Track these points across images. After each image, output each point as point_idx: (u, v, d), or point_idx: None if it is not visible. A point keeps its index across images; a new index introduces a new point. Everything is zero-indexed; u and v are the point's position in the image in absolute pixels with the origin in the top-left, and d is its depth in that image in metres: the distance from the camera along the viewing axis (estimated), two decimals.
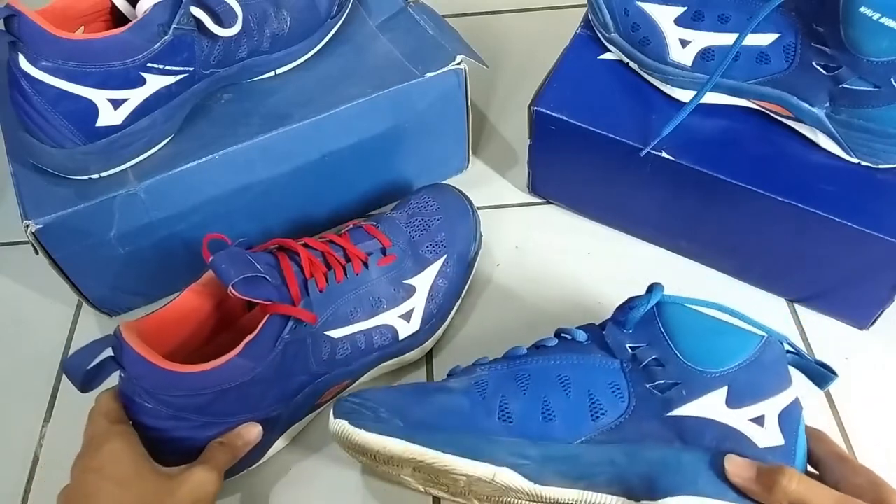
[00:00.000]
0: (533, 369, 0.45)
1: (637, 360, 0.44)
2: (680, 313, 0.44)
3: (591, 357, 0.45)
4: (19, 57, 0.48)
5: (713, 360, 0.42)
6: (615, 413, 0.43)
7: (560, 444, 0.42)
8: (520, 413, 0.43)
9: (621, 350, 0.44)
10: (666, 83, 0.56)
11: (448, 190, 0.60)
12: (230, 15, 0.52)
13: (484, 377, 0.45)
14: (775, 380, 0.42)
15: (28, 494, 0.53)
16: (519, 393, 0.44)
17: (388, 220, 0.55)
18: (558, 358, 0.45)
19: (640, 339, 0.44)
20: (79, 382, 0.43)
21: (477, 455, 0.42)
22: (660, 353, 0.43)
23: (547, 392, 0.44)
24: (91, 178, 0.53)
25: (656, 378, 0.43)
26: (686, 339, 0.43)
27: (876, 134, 0.50)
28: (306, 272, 0.48)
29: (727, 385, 0.42)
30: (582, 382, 0.44)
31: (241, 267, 0.44)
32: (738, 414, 0.41)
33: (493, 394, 0.44)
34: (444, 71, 0.58)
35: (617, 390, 0.43)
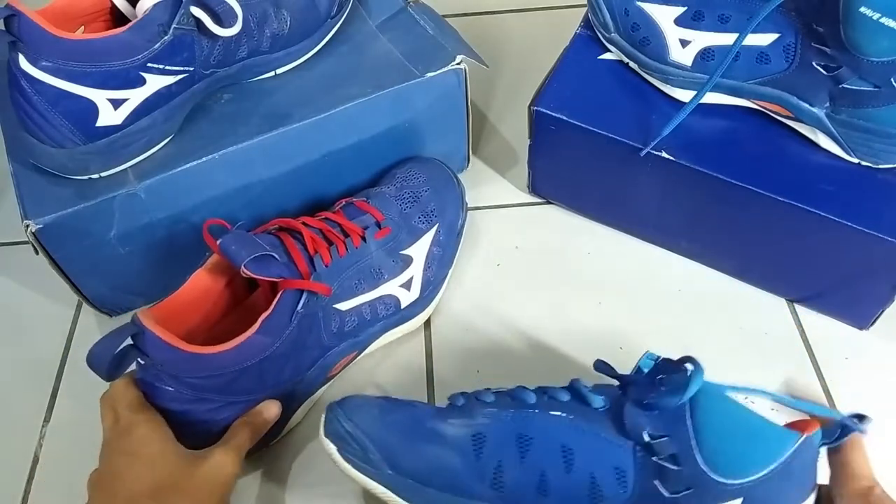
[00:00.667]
0: (537, 429, 0.41)
1: (652, 449, 0.39)
2: (715, 405, 0.38)
3: (601, 431, 0.40)
4: (19, 57, 0.48)
5: (736, 468, 0.37)
6: (614, 500, 0.39)
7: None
8: (514, 483, 0.40)
9: (638, 435, 0.39)
10: (666, 83, 0.56)
11: (431, 162, 0.61)
12: (230, 15, 0.52)
13: (484, 428, 0.41)
14: (797, 489, 0.38)
15: (28, 494, 0.53)
16: (517, 460, 0.40)
17: (378, 195, 0.57)
18: (567, 421, 0.41)
19: (662, 427, 0.39)
20: (105, 373, 0.43)
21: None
22: (679, 450, 0.38)
23: (547, 464, 0.40)
24: (91, 178, 0.53)
25: (668, 477, 0.38)
26: (713, 440, 0.38)
27: (876, 134, 0.50)
28: (310, 249, 0.50)
29: (742, 498, 0.37)
30: (586, 460, 0.40)
31: (251, 247, 0.46)
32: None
33: (489, 455, 0.41)
34: (444, 71, 0.58)
35: (622, 477, 0.39)
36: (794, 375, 0.55)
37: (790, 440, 0.37)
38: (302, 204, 0.61)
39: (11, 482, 0.53)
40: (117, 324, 0.60)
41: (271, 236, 0.50)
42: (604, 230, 0.64)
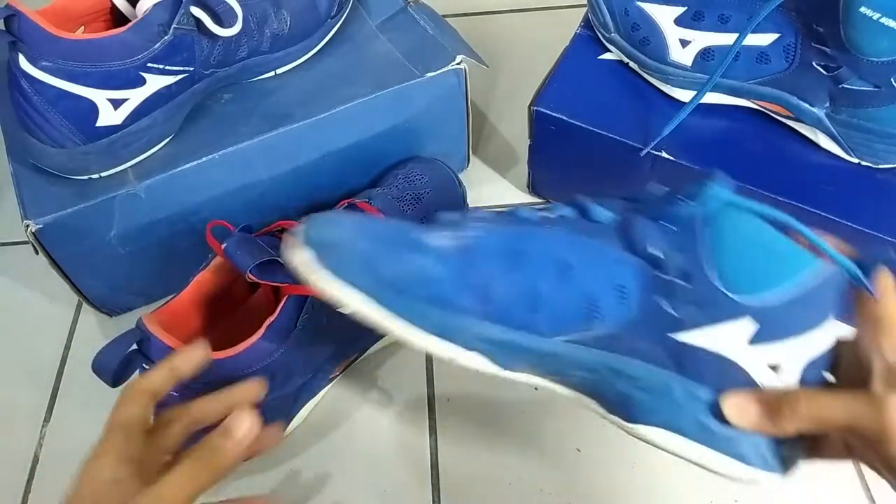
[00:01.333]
0: (533, 243, 0.37)
1: (661, 267, 0.35)
2: (738, 221, 0.34)
3: (605, 246, 0.36)
4: (19, 57, 0.48)
5: (750, 286, 0.34)
6: (613, 321, 0.35)
7: (538, 336, 0.36)
8: (502, 297, 0.36)
9: (645, 251, 0.35)
10: (666, 83, 0.56)
11: (433, 162, 0.61)
12: (230, 15, 0.52)
13: (474, 240, 0.37)
14: (812, 318, 0.34)
15: (28, 494, 0.53)
16: (506, 271, 0.36)
17: (380, 196, 0.57)
18: (566, 235, 0.37)
19: (676, 242, 0.35)
20: (110, 379, 0.43)
21: (443, 334, 0.36)
22: (689, 266, 0.34)
23: (539, 278, 0.36)
24: (91, 178, 0.53)
25: (675, 295, 0.34)
26: (728, 254, 0.34)
27: (876, 134, 0.50)
28: None
29: (753, 318, 0.34)
30: (584, 274, 0.36)
31: (256, 253, 0.46)
32: (755, 353, 0.34)
33: (477, 266, 0.36)
34: (444, 71, 0.58)
35: (622, 294, 0.35)
36: None
37: (809, 262, 0.34)
38: (302, 204, 0.61)
39: (11, 482, 0.53)
40: (117, 324, 0.61)
41: (274, 238, 0.50)
42: None
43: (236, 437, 0.36)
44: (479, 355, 0.36)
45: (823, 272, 0.34)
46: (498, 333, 0.36)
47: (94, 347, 0.43)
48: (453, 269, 0.36)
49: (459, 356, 0.36)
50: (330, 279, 0.36)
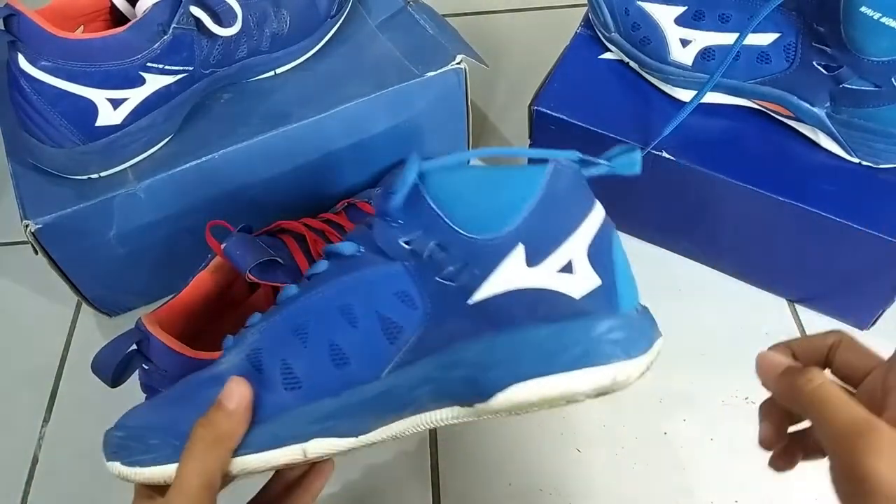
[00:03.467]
0: (308, 309, 0.37)
1: (417, 253, 0.35)
2: (448, 179, 0.35)
3: (367, 270, 0.36)
4: (19, 56, 0.48)
5: (497, 219, 0.34)
6: (413, 324, 0.36)
7: (366, 385, 0.36)
8: (306, 371, 0.36)
9: (397, 248, 0.36)
10: (666, 83, 0.56)
11: None
12: (230, 14, 0.52)
13: (256, 343, 0.37)
14: (575, 210, 0.36)
15: (28, 495, 0.53)
16: (300, 348, 0.36)
17: None
18: (332, 284, 0.37)
19: (413, 227, 0.35)
20: (110, 379, 0.43)
21: (275, 444, 0.36)
22: (438, 237, 0.35)
23: (330, 333, 0.36)
24: (91, 178, 0.53)
25: (443, 267, 0.35)
26: (461, 207, 0.35)
27: (877, 134, 0.50)
28: (313, 252, 0.50)
29: (521, 242, 0.34)
30: (366, 305, 0.36)
31: (255, 253, 0.46)
32: (542, 270, 0.34)
33: (270, 362, 0.37)
34: (444, 70, 0.58)
35: (406, 298, 0.36)
36: None
37: (539, 173, 0.35)
38: (302, 204, 0.61)
39: (11, 482, 0.53)
40: (117, 324, 0.61)
41: (274, 238, 0.50)
42: None
43: (231, 406, 0.35)
44: (323, 439, 0.36)
45: (547, 174, 0.35)
46: (326, 407, 0.36)
47: (94, 347, 0.43)
48: (251, 378, 0.36)
49: (306, 451, 0.36)
50: (144, 471, 0.36)
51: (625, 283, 0.36)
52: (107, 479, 0.36)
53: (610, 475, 0.52)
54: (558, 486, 0.51)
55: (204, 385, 0.37)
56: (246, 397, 0.36)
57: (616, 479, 0.52)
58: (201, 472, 0.34)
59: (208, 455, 0.35)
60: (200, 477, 0.34)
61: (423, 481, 0.52)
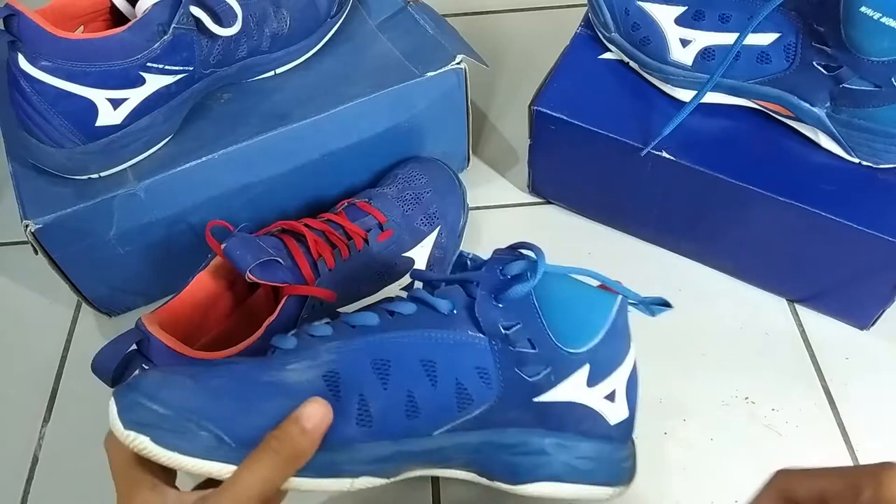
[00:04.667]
0: (391, 349, 0.38)
1: (509, 340, 0.38)
2: (552, 282, 0.39)
3: (455, 335, 0.38)
4: (19, 56, 0.48)
5: (581, 336, 0.39)
6: (482, 401, 0.38)
7: (421, 438, 0.38)
8: (381, 413, 0.37)
9: (493, 328, 0.38)
10: (666, 83, 0.56)
11: (433, 162, 0.61)
12: (230, 14, 0.52)
13: (333, 364, 0.37)
14: (623, 346, 0.40)
15: (28, 494, 0.53)
16: (379, 388, 0.37)
17: (380, 196, 0.57)
18: (419, 333, 0.38)
19: (513, 315, 0.38)
20: (110, 379, 0.43)
21: (332, 472, 0.36)
22: (532, 334, 0.38)
23: (411, 384, 0.37)
24: (91, 178, 0.53)
25: (527, 362, 0.38)
26: (557, 315, 0.38)
27: (877, 134, 0.50)
28: (314, 252, 0.50)
29: (589, 363, 0.39)
30: (448, 368, 0.38)
31: (256, 252, 0.46)
32: (595, 392, 0.39)
33: (348, 391, 0.37)
34: (444, 71, 0.58)
35: (485, 375, 0.38)
36: (794, 376, 0.55)
37: (612, 301, 0.39)
38: (302, 204, 0.61)
39: (11, 482, 0.53)
40: (117, 324, 0.61)
41: (274, 238, 0.50)
42: (604, 230, 0.64)
43: (308, 426, 0.34)
44: (370, 478, 0.37)
45: (617, 305, 0.39)
46: (385, 449, 0.37)
47: (94, 347, 0.43)
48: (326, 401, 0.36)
49: (353, 485, 0.37)
50: (183, 459, 0.33)
51: (635, 417, 0.41)
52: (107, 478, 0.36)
53: None
54: None
55: (268, 390, 0.35)
56: (326, 423, 0.35)
57: None
58: (263, 484, 0.33)
59: (275, 469, 0.33)
60: (261, 489, 0.33)
61: (423, 481, 0.52)
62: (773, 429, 0.53)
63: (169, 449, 0.33)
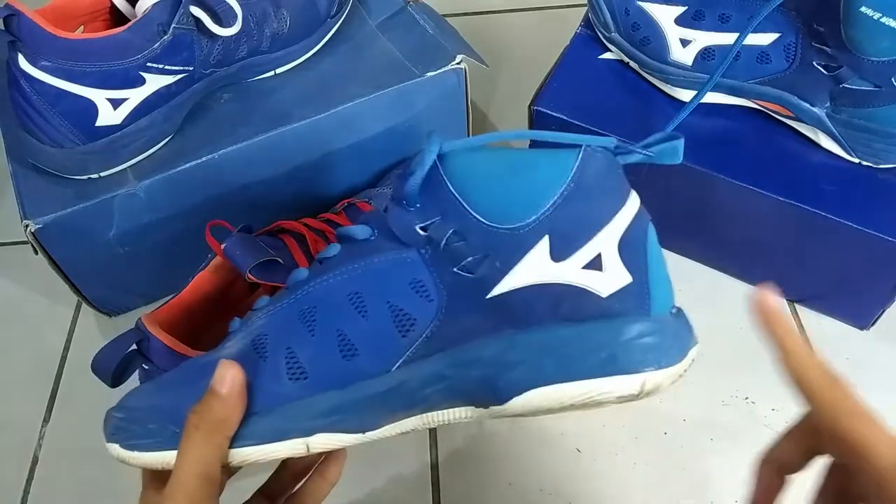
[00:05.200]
0: (317, 295, 0.35)
1: (434, 241, 0.33)
2: (469, 162, 0.33)
3: (380, 257, 0.34)
4: (19, 56, 0.48)
5: (521, 207, 0.32)
6: (427, 317, 0.33)
7: (374, 379, 0.34)
8: (313, 361, 0.34)
9: (412, 235, 0.34)
10: (666, 83, 0.56)
11: None
12: (230, 14, 0.52)
13: (262, 328, 0.36)
14: (607, 200, 0.33)
15: (28, 494, 0.53)
16: (306, 337, 0.34)
17: (380, 196, 0.57)
18: (343, 270, 0.35)
19: (431, 212, 0.33)
20: (110, 379, 0.43)
21: (278, 436, 0.34)
22: (457, 224, 0.33)
23: (338, 323, 0.34)
24: (91, 178, 0.53)
25: (462, 257, 0.33)
26: (483, 193, 0.32)
27: (877, 134, 0.50)
28: (313, 252, 0.50)
29: (546, 234, 0.32)
30: (377, 293, 0.34)
31: (256, 253, 0.46)
32: (568, 266, 0.32)
33: (275, 349, 0.35)
34: (444, 70, 0.58)
35: (421, 288, 0.34)
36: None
37: (569, 158, 0.32)
38: (302, 204, 0.61)
39: (11, 482, 0.53)
40: (117, 324, 0.61)
41: (274, 238, 0.50)
42: None
43: (222, 391, 0.33)
44: (328, 434, 0.34)
45: (577, 159, 0.32)
46: (332, 400, 0.34)
47: (94, 347, 0.43)
48: (255, 365, 0.34)
49: (309, 445, 0.34)
50: (143, 456, 0.34)
51: (659, 281, 0.33)
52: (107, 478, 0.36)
53: (610, 475, 0.52)
54: (558, 486, 0.51)
55: (205, 369, 0.34)
56: (238, 380, 0.34)
57: (616, 479, 0.52)
58: (198, 461, 0.33)
59: (205, 444, 0.33)
60: (198, 467, 0.33)
61: (424, 481, 0.52)
62: (773, 429, 0.53)
63: (130, 450, 0.34)
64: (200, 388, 0.34)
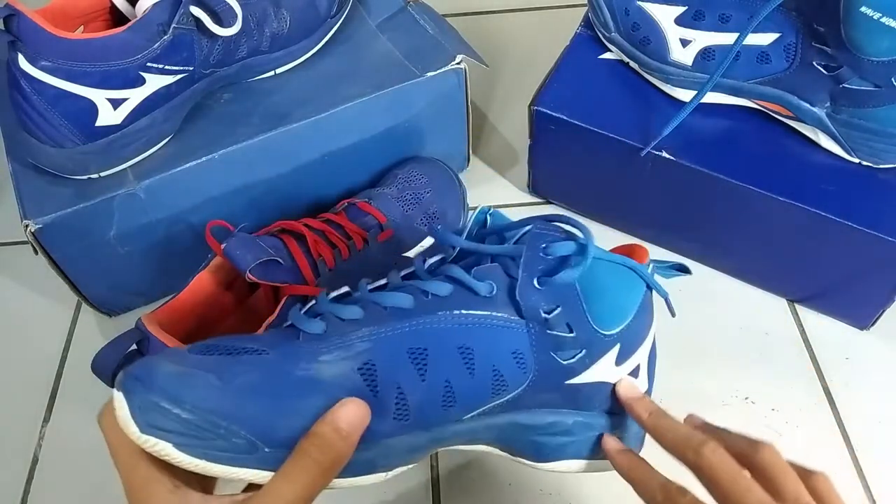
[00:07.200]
0: (428, 336, 0.35)
1: (548, 324, 0.36)
2: (592, 266, 0.36)
3: (493, 319, 0.36)
4: (19, 56, 0.48)
5: (615, 318, 0.38)
6: (516, 385, 0.37)
7: (455, 424, 0.37)
8: (419, 406, 0.35)
9: (533, 312, 0.36)
10: (666, 83, 0.56)
11: (433, 162, 0.61)
12: (230, 14, 0.52)
13: (367, 353, 0.34)
14: (648, 321, 0.40)
15: (28, 494, 0.53)
16: (417, 380, 0.35)
17: (380, 196, 0.57)
18: (455, 317, 0.35)
19: (554, 298, 0.36)
20: (110, 379, 0.43)
21: (369, 469, 0.35)
22: (572, 318, 0.36)
23: (449, 373, 0.35)
24: (91, 178, 0.53)
25: (564, 346, 0.37)
26: (596, 297, 0.37)
27: (876, 134, 0.50)
28: (313, 252, 0.50)
29: (619, 343, 0.38)
30: (486, 354, 0.36)
31: (256, 252, 0.46)
32: (621, 370, 0.40)
33: (386, 386, 0.34)
34: (444, 70, 0.58)
35: (521, 360, 0.36)
36: (794, 375, 0.55)
37: (639, 281, 0.39)
38: (302, 204, 0.61)
39: (11, 482, 0.53)
40: (117, 324, 0.61)
41: (274, 238, 0.50)
42: (603, 230, 0.64)
43: (346, 428, 0.32)
44: (404, 467, 0.37)
45: (648, 282, 0.39)
46: (420, 439, 0.36)
47: (94, 347, 0.43)
48: (364, 398, 0.33)
49: (388, 475, 0.36)
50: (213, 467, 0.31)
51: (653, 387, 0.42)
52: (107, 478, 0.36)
53: (610, 475, 0.52)
54: (558, 487, 0.51)
55: (302, 387, 0.33)
56: (363, 424, 0.33)
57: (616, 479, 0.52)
58: (304, 491, 0.31)
59: (316, 477, 0.31)
60: (302, 496, 0.31)
61: (424, 481, 0.52)
62: (773, 429, 0.53)
63: (196, 457, 0.30)
64: (297, 408, 0.32)
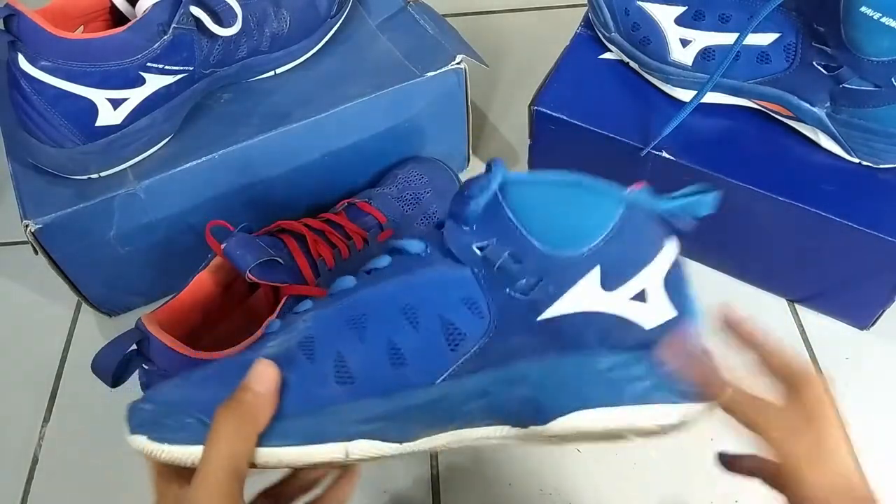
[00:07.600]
0: (367, 303, 0.36)
1: (489, 261, 0.34)
2: (528, 192, 0.35)
3: (434, 271, 0.35)
4: (19, 56, 0.48)
5: (576, 237, 0.34)
6: (476, 333, 0.35)
7: (419, 389, 0.35)
8: (361, 367, 0.35)
9: (468, 253, 0.35)
10: (666, 83, 0.56)
11: (433, 162, 0.61)
12: (230, 14, 0.52)
13: (308, 330, 0.36)
14: (648, 241, 0.35)
15: (28, 494, 0.53)
16: (355, 342, 0.35)
17: (380, 196, 0.57)
18: (395, 282, 0.36)
19: (487, 233, 0.35)
20: (110, 379, 0.43)
21: (319, 438, 0.34)
22: (513, 247, 0.34)
23: (390, 332, 0.35)
24: (91, 178, 0.53)
25: (515, 278, 0.34)
26: (540, 222, 0.34)
27: (877, 134, 0.50)
28: (313, 252, 0.50)
29: (598, 264, 0.34)
30: (430, 306, 0.35)
31: (256, 252, 0.46)
32: (616, 296, 0.34)
33: (324, 352, 0.35)
34: (444, 70, 0.58)
35: (473, 305, 0.35)
36: None
37: (616, 199, 0.35)
38: (302, 204, 0.61)
39: (11, 482, 0.53)
40: (117, 324, 0.61)
41: (274, 238, 0.50)
42: None
43: (257, 388, 0.33)
44: (368, 441, 0.34)
45: (635, 203, 0.35)
46: (376, 407, 0.34)
47: (94, 347, 0.43)
48: (301, 367, 0.35)
49: (348, 451, 0.34)
50: (174, 450, 0.33)
51: (699, 320, 0.36)
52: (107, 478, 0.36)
53: (610, 475, 0.52)
54: (558, 486, 0.51)
55: (244, 368, 0.34)
56: (274, 380, 0.34)
57: (616, 479, 0.52)
58: (227, 456, 0.32)
59: (234, 438, 0.33)
60: (226, 461, 0.32)
61: (424, 480, 0.52)
62: None
63: (160, 442, 0.33)
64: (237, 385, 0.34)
